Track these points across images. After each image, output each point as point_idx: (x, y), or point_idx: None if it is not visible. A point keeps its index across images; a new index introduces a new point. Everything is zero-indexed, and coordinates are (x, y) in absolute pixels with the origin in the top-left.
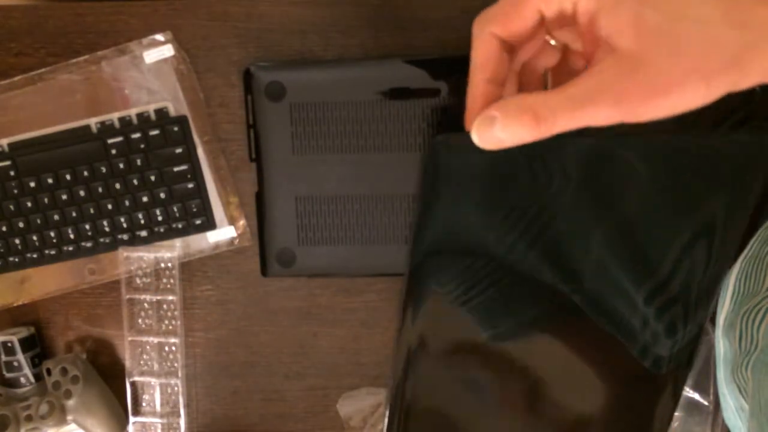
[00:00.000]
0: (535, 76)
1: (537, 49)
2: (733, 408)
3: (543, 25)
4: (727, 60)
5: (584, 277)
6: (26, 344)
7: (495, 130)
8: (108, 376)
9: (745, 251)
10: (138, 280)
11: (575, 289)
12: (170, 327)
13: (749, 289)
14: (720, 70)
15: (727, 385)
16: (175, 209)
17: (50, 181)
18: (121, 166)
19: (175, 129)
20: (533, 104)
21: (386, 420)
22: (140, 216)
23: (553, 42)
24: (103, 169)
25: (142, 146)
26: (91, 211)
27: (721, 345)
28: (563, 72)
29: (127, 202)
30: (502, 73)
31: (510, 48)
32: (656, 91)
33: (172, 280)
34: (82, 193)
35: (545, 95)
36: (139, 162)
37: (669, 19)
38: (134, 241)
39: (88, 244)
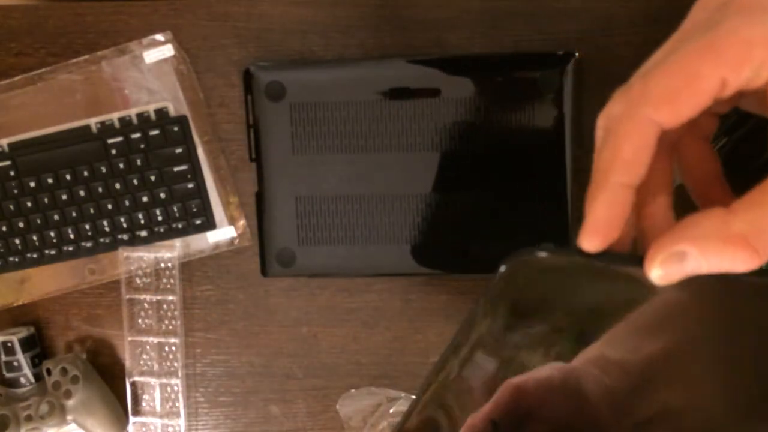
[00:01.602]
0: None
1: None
2: None
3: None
4: None
5: None
6: (26, 344)
7: (686, 265)
8: (108, 376)
9: None
10: (138, 280)
11: None
12: (170, 327)
13: None
14: None
15: None
16: (175, 209)
17: (50, 181)
18: (121, 166)
19: (175, 129)
20: (741, 230)
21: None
22: (140, 216)
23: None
24: (103, 169)
25: (142, 146)
26: (91, 211)
27: None
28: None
29: (127, 202)
30: (647, 177)
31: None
32: None
33: (172, 280)
34: (82, 193)
35: (747, 212)
36: (139, 162)
37: None
38: (134, 241)
39: (88, 244)
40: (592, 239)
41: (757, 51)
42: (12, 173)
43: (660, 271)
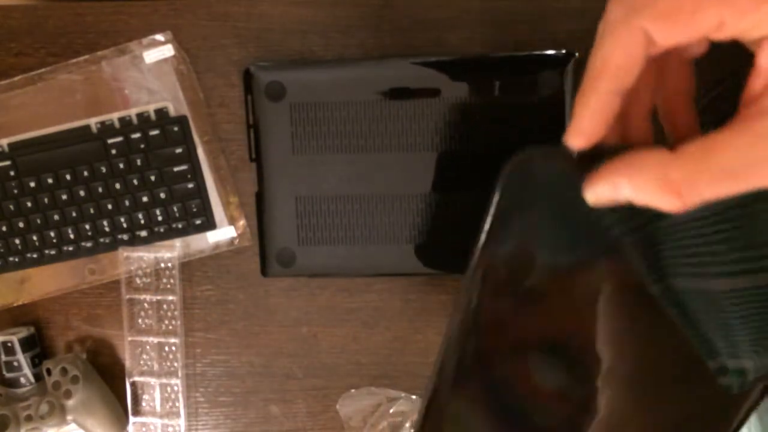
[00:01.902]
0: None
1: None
2: None
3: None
4: None
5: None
6: (26, 344)
7: (618, 194)
8: (108, 376)
9: None
10: (138, 280)
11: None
12: (170, 327)
13: None
14: None
15: None
16: (175, 209)
17: (50, 181)
18: (121, 166)
19: (175, 129)
20: (676, 178)
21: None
22: (140, 216)
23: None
24: (103, 169)
25: (142, 146)
26: (91, 211)
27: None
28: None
29: (127, 202)
30: (634, 84)
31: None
32: None
33: (172, 280)
34: (82, 193)
35: (686, 163)
36: (139, 162)
37: None
38: (134, 241)
39: (88, 244)
40: (577, 139)
41: (764, 5)
42: (12, 173)
43: (593, 195)
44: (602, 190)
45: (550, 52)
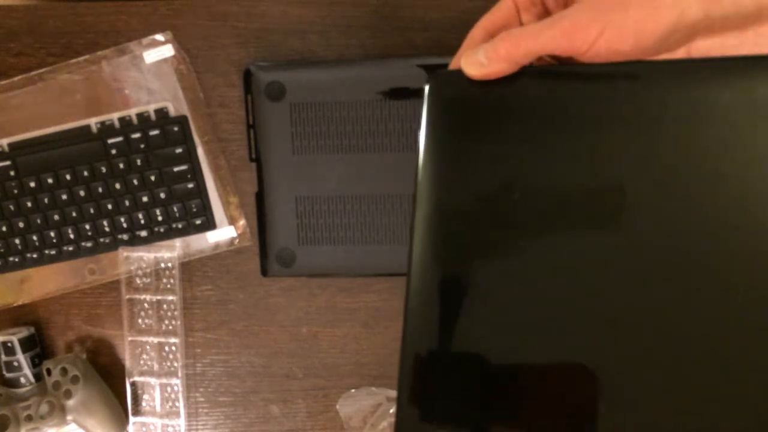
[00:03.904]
0: None
1: None
2: None
3: None
4: None
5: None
6: (26, 344)
7: (479, 54)
8: (108, 376)
9: None
10: (138, 280)
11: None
12: (170, 327)
13: None
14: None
15: None
16: (175, 209)
17: (50, 181)
18: (121, 166)
19: (175, 129)
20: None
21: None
22: (140, 216)
23: None
24: (103, 169)
25: (142, 146)
26: (91, 211)
27: None
28: None
29: (127, 202)
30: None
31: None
32: (604, 12)
33: (172, 280)
34: (82, 193)
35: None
36: (139, 162)
37: None
38: (134, 241)
39: (88, 244)
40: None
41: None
42: (12, 173)
43: (464, 60)
44: (469, 54)
45: None
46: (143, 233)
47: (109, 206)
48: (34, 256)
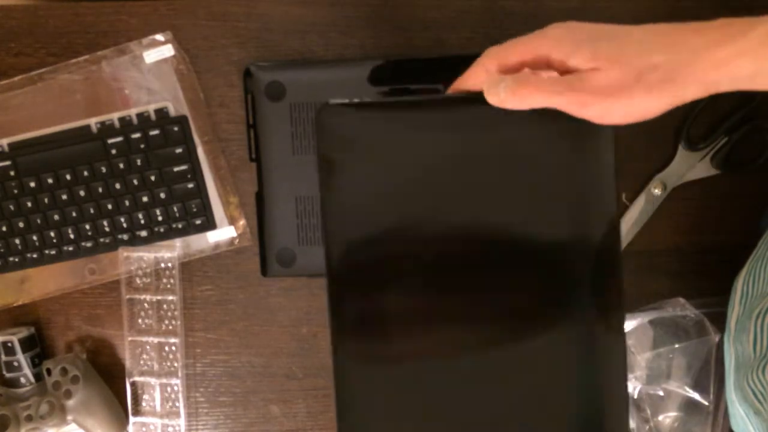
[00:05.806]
0: None
1: None
2: (741, 414)
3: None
4: (662, 76)
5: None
6: (26, 344)
7: (500, 87)
8: (108, 376)
9: (753, 253)
10: (138, 280)
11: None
12: (170, 327)
13: (757, 290)
14: (659, 84)
15: (735, 392)
16: (175, 209)
17: (50, 181)
18: (121, 166)
19: (175, 129)
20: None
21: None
22: (140, 216)
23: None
24: (103, 169)
25: (142, 146)
26: (91, 211)
27: (732, 350)
28: None
29: (127, 202)
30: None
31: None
32: (607, 93)
33: (172, 280)
34: (82, 193)
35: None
36: (139, 162)
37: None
38: (134, 241)
39: (88, 244)
40: (456, 85)
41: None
42: (12, 173)
43: (487, 86)
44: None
45: None
46: (143, 233)
47: (109, 206)
48: (34, 256)
